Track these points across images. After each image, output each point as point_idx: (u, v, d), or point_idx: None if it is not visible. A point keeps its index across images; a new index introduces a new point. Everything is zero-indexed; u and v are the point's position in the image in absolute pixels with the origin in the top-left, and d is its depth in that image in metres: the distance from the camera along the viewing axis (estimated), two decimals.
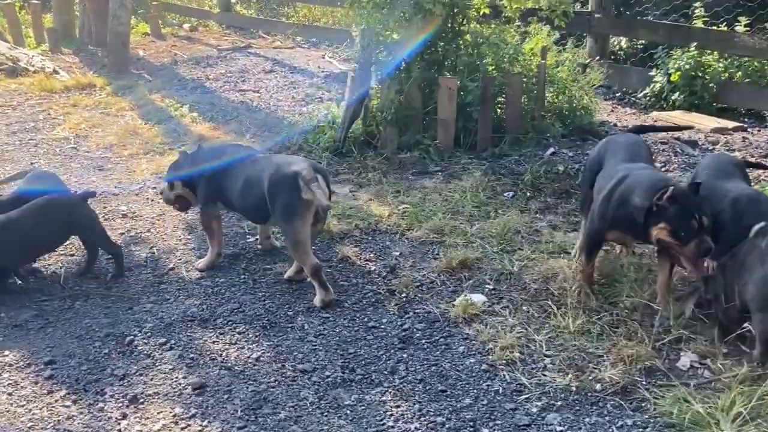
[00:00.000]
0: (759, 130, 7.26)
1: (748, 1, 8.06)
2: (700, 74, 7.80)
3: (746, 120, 7.63)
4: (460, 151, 6.48)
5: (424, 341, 3.81)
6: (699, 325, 3.76)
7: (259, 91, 9.17)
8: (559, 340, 3.73)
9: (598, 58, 8.65)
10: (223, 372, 3.59)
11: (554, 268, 4.35)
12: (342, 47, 11.29)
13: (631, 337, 3.67)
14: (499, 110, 6.69)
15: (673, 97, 7.90)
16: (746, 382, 3.24)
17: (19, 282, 4.50)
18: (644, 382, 3.39)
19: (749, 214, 3.66)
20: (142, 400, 3.41)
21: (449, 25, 6.68)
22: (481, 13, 6.85)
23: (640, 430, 3.13)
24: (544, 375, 3.48)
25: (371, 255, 4.74)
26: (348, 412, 3.30)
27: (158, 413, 3.32)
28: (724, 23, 8.09)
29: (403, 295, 4.25)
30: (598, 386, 3.38)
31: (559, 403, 3.30)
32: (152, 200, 5.72)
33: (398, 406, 3.32)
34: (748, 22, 7.80)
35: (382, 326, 3.96)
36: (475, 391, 3.41)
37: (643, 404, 3.26)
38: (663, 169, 5.99)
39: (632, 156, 4.09)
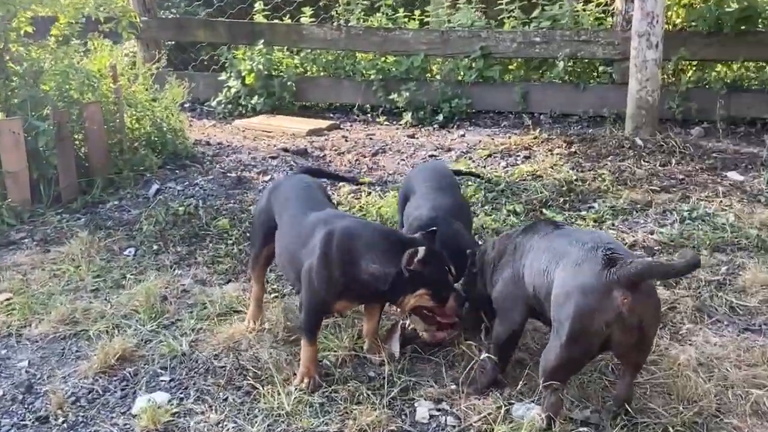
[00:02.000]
0: (352, 125, 7.24)
1: None
2: (275, 73, 7.54)
3: (332, 115, 7.59)
4: (43, 207, 5.28)
5: None
6: (416, 365, 3.43)
7: None
8: (280, 425, 3.07)
9: (157, 67, 7.87)
10: None
11: (233, 335, 3.66)
12: None
13: (359, 400, 3.17)
14: (80, 149, 5.59)
15: (252, 102, 7.55)
16: (506, 420, 2.98)
17: None
18: None
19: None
20: None
21: None
22: (23, 32, 5.66)
23: None
24: None
25: None
26: None
27: None
28: (288, 16, 7.93)
29: (62, 419, 3.16)
30: None
31: None
32: None
33: None
34: (313, 11, 7.74)
35: None
36: None
37: None
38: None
39: (312, 202, 3.55)
